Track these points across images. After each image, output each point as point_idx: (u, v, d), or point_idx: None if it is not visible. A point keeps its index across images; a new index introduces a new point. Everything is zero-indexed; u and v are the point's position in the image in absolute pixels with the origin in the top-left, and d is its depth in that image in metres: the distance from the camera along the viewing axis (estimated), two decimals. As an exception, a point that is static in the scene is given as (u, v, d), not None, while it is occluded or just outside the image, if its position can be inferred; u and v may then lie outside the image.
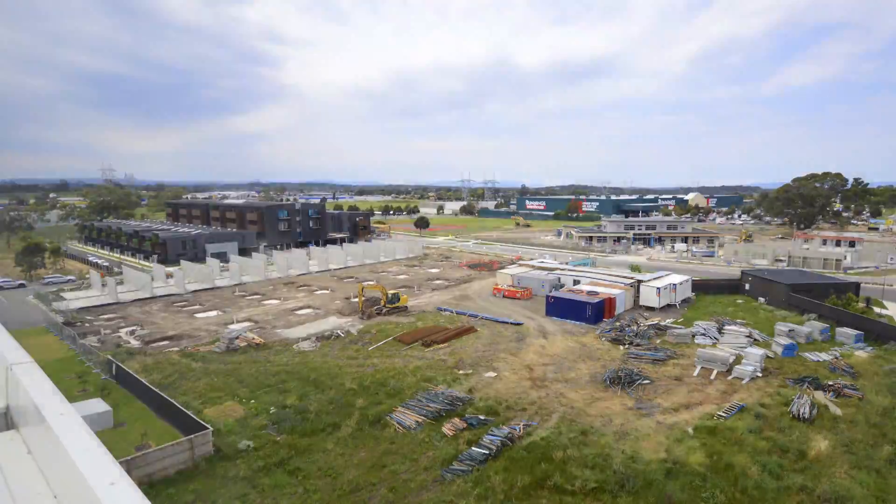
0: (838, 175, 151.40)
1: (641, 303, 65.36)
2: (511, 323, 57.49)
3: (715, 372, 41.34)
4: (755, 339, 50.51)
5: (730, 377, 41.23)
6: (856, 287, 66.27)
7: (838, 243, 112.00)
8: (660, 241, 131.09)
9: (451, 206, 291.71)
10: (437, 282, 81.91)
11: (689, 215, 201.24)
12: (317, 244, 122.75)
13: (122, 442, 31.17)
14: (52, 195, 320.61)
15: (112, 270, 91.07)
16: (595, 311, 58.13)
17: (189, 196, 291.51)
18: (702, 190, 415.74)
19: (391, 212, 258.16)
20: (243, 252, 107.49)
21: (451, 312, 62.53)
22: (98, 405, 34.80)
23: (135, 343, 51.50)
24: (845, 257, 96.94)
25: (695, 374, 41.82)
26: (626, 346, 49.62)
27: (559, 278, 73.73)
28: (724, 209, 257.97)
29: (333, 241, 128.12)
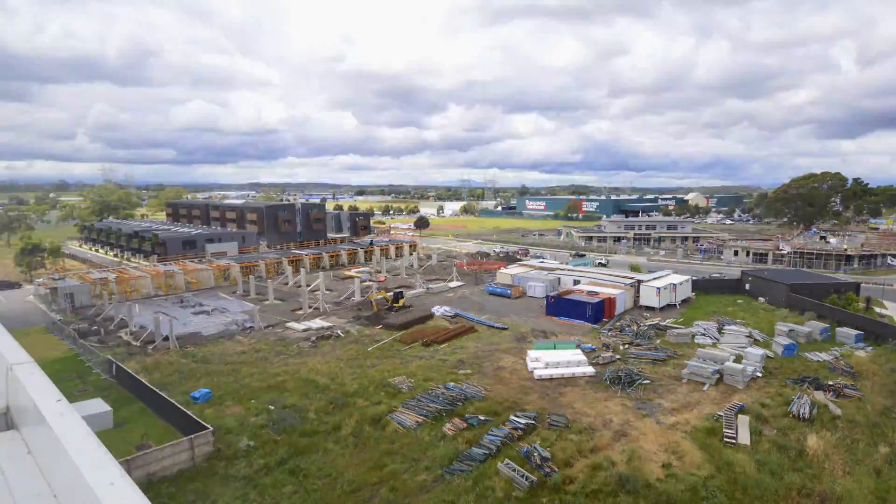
0: (837, 175, 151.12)
1: (641, 303, 65.35)
2: (501, 328, 56.57)
3: (707, 385, 39.56)
4: (755, 339, 50.52)
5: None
6: (856, 287, 66.31)
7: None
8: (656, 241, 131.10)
9: (452, 207, 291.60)
10: (439, 284, 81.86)
11: (687, 215, 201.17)
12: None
13: (122, 442, 31.13)
14: (51, 195, 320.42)
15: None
16: (595, 311, 58.12)
17: (189, 196, 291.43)
18: (702, 190, 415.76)
19: (391, 212, 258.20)
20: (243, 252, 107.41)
21: (452, 313, 62.48)
22: (98, 405, 34.78)
23: (134, 343, 51.46)
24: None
25: (683, 381, 40.80)
26: (626, 345, 49.62)
27: (559, 278, 73.75)
28: (725, 209, 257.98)
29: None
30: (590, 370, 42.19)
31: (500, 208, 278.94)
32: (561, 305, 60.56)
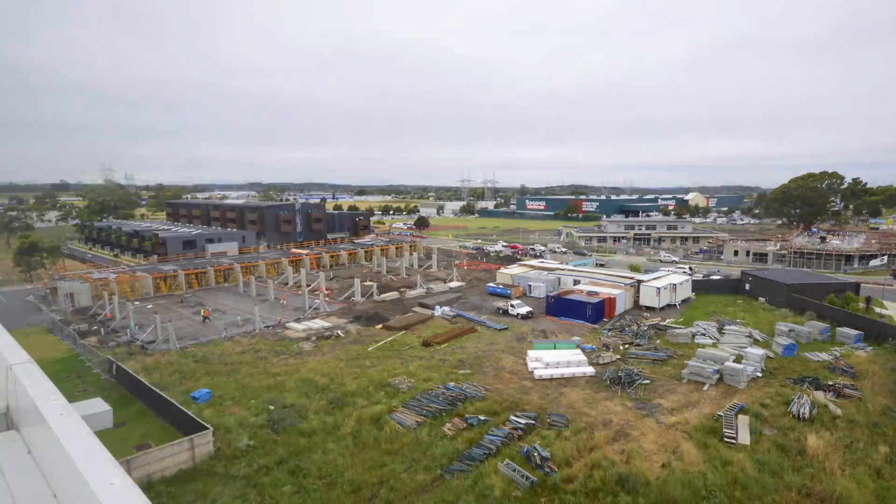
0: (835, 174, 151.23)
1: (641, 303, 65.32)
2: (501, 328, 56.69)
3: (707, 385, 39.64)
4: (755, 339, 50.52)
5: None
6: (856, 287, 66.29)
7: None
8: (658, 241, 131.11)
9: (451, 207, 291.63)
10: (439, 284, 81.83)
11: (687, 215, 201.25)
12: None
13: (122, 442, 31.16)
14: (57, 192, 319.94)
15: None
16: (595, 311, 58.11)
17: (189, 196, 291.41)
18: (702, 190, 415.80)
19: (391, 212, 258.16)
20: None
21: (452, 313, 62.48)
22: (98, 405, 34.79)
23: (135, 343, 51.47)
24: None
25: (683, 381, 40.87)
26: (626, 345, 49.62)
27: (559, 278, 73.73)
28: (724, 209, 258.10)
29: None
30: (590, 370, 42.20)
31: (501, 209, 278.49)
32: (561, 305, 60.55)
